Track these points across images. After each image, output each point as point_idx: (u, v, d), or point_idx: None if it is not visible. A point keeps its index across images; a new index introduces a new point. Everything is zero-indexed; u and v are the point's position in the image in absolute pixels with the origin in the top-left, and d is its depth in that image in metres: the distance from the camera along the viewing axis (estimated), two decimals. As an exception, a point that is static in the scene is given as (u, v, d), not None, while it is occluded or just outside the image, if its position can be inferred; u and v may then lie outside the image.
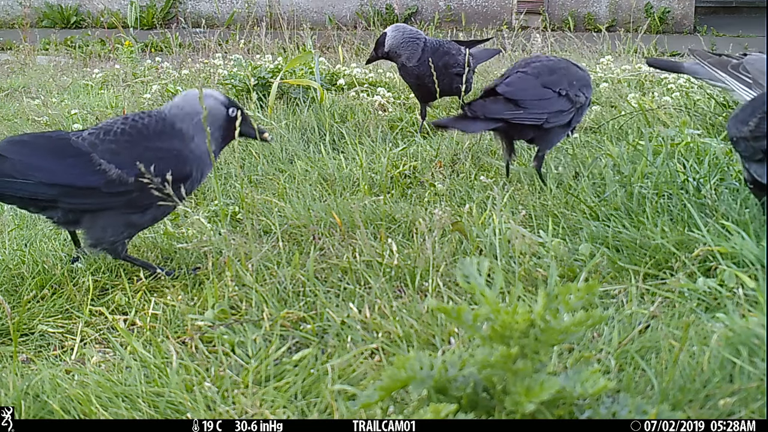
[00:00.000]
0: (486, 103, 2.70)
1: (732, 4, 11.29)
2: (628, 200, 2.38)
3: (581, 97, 2.77)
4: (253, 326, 1.89)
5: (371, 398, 1.33)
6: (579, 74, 2.85)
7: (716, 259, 1.97)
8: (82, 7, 10.92)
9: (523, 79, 2.80)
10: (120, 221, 2.19)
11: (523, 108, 2.70)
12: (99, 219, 2.19)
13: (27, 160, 2.13)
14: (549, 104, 2.73)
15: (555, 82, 2.76)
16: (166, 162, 2.15)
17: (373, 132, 3.67)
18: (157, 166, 2.11)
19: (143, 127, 2.22)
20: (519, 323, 1.27)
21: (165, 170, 2.10)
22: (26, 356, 1.94)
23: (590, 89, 2.85)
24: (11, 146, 2.16)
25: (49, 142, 2.20)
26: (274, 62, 4.93)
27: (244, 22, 7.71)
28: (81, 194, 2.14)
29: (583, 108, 2.81)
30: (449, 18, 10.24)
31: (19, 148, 2.15)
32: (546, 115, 2.72)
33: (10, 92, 5.58)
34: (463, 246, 2.25)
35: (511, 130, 2.77)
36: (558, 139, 2.81)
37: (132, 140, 2.18)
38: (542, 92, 2.75)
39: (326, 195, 2.84)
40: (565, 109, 2.75)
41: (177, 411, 1.61)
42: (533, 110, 2.72)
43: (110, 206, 2.17)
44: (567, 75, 2.82)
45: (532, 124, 2.70)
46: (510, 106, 2.69)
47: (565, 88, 2.75)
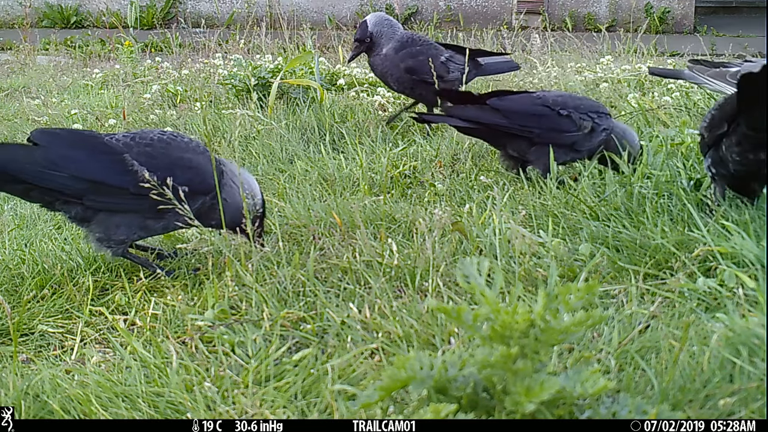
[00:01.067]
0: (466, 108, 2.77)
1: (732, 4, 11.29)
2: (628, 200, 2.38)
3: (587, 121, 2.75)
4: (253, 326, 1.88)
5: (371, 398, 1.33)
6: (589, 102, 2.85)
7: (716, 259, 1.97)
8: (82, 7, 10.92)
9: (520, 96, 2.86)
10: (135, 223, 2.21)
11: (508, 118, 2.72)
12: (114, 217, 2.21)
13: (61, 150, 2.14)
14: (541, 120, 2.75)
15: (557, 103, 2.77)
16: (194, 170, 2.20)
17: (373, 132, 3.67)
18: (185, 174, 2.16)
19: (181, 141, 2.27)
20: (519, 323, 1.27)
21: (193, 178, 2.17)
22: (26, 356, 1.94)
23: (605, 117, 2.81)
24: (45, 136, 2.17)
25: (83, 137, 2.23)
26: (274, 62, 4.93)
27: (244, 22, 7.71)
28: (109, 192, 2.16)
29: (594, 133, 2.77)
30: (449, 18, 10.24)
31: (53, 138, 2.16)
32: (538, 130, 2.72)
33: (10, 92, 5.58)
34: (463, 246, 2.25)
35: (500, 140, 2.80)
36: (558, 159, 2.71)
37: (168, 148, 2.23)
38: (537, 108, 2.77)
39: (326, 195, 2.84)
40: (565, 129, 2.74)
41: (177, 411, 1.61)
42: (521, 122, 2.74)
43: (132, 209, 2.19)
44: (573, 98, 2.83)
45: (522, 137, 2.73)
46: (494, 115, 2.74)
47: (568, 110, 2.74)
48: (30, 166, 2.10)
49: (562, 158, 2.78)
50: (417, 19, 10.22)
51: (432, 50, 3.74)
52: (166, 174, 2.12)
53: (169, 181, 2.09)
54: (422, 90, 3.73)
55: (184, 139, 2.31)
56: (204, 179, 2.21)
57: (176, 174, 2.14)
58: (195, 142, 2.32)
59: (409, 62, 3.68)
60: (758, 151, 2.09)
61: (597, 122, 2.78)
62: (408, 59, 3.68)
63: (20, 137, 4.12)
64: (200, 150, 2.29)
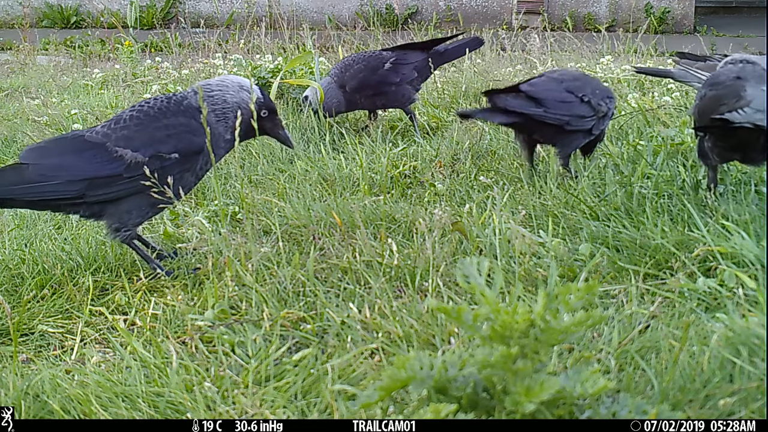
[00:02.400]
0: (508, 98, 2.73)
1: (732, 4, 11.29)
2: (628, 200, 2.38)
3: (603, 106, 2.79)
4: (253, 326, 1.89)
5: (371, 398, 1.33)
6: (602, 86, 2.89)
7: (716, 259, 1.97)
8: (82, 7, 10.92)
9: (546, 80, 2.84)
10: (144, 203, 2.24)
11: (544, 107, 2.72)
12: (122, 204, 2.24)
13: (49, 161, 2.22)
14: (571, 107, 2.77)
15: (578, 88, 2.80)
16: (177, 137, 2.23)
17: (373, 132, 3.67)
18: (168, 143, 2.21)
19: (149, 109, 2.29)
20: (519, 323, 1.27)
21: (177, 144, 2.21)
22: (26, 356, 1.94)
23: (613, 101, 2.88)
24: (31, 153, 2.25)
25: (66, 142, 2.28)
26: (274, 62, 4.93)
27: (243, 22, 7.71)
28: (105, 184, 2.19)
29: (605, 117, 2.83)
30: (449, 18, 10.24)
31: (39, 153, 2.24)
32: (568, 117, 2.74)
33: (10, 92, 5.58)
34: (463, 246, 2.25)
35: (531, 129, 2.80)
36: (577, 144, 2.81)
37: (141, 123, 2.25)
38: (564, 95, 2.79)
39: (326, 195, 2.84)
40: (586, 115, 2.77)
41: (177, 411, 1.61)
42: (554, 110, 2.74)
43: (134, 191, 2.22)
44: (590, 84, 2.86)
45: (553, 125, 2.73)
46: (531, 104, 2.73)
47: (588, 95, 2.77)
48: (26, 186, 2.18)
49: (581, 142, 2.82)
50: (417, 19, 10.21)
51: (373, 61, 3.74)
52: (150, 150, 2.19)
53: (155, 155, 2.17)
54: (383, 101, 3.75)
55: (160, 103, 2.30)
56: (189, 139, 2.24)
57: (158, 147, 2.20)
58: (173, 100, 2.31)
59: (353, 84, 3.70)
60: (732, 152, 2.29)
61: (609, 106, 2.83)
62: (352, 82, 3.70)
63: (20, 137, 4.11)
64: (181, 108, 2.29)
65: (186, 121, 2.26)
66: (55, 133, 4.03)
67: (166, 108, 2.29)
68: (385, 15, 10.33)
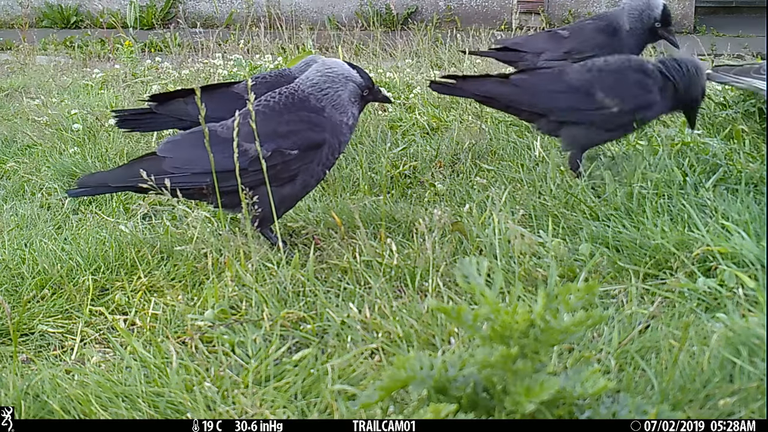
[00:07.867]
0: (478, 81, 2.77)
1: (732, 4, 11.28)
2: (628, 200, 2.38)
3: (611, 101, 2.61)
4: (253, 326, 1.89)
5: (371, 398, 1.33)
6: (633, 77, 2.64)
7: (716, 259, 1.97)
8: (82, 7, 10.91)
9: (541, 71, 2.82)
10: (275, 197, 2.27)
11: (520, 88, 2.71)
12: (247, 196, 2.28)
13: (182, 155, 2.35)
14: (561, 99, 2.68)
15: (589, 80, 2.66)
16: (297, 133, 2.31)
17: (373, 132, 3.67)
18: (289, 138, 2.29)
19: (275, 104, 2.37)
20: (519, 323, 1.27)
21: (297, 141, 2.29)
22: (26, 356, 1.94)
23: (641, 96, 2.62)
24: (166, 146, 2.41)
25: (199, 136, 2.35)
26: (273, 62, 4.93)
27: (243, 22, 7.71)
28: (233, 177, 2.23)
29: (621, 113, 2.62)
30: (449, 18, 10.24)
31: (173, 147, 2.40)
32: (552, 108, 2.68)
33: (10, 92, 5.57)
34: (463, 246, 2.25)
35: (514, 112, 2.82)
36: (586, 139, 2.67)
37: (265, 118, 2.32)
38: (557, 85, 2.70)
39: (326, 195, 2.84)
40: (584, 108, 2.63)
41: (177, 411, 1.61)
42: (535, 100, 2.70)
43: (260, 183, 2.26)
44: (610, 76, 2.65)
45: (535, 112, 2.71)
46: (504, 87, 2.73)
47: (594, 89, 2.64)
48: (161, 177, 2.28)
49: (590, 137, 2.73)
50: (416, 19, 10.21)
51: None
52: (272, 145, 2.27)
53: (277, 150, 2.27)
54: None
55: (284, 98, 2.37)
56: (308, 136, 2.31)
57: (280, 142, 2.28)
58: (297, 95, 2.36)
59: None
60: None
61: (627, 103, 2.66)
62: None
63: (20, 137, 4.11)
64: (305, 104, 2.34)
65: (307, 116, 2.33)
66: (54, 133, 4.03)
67: (291, 103, 2.36)
68: (384, 15, 10.32)
